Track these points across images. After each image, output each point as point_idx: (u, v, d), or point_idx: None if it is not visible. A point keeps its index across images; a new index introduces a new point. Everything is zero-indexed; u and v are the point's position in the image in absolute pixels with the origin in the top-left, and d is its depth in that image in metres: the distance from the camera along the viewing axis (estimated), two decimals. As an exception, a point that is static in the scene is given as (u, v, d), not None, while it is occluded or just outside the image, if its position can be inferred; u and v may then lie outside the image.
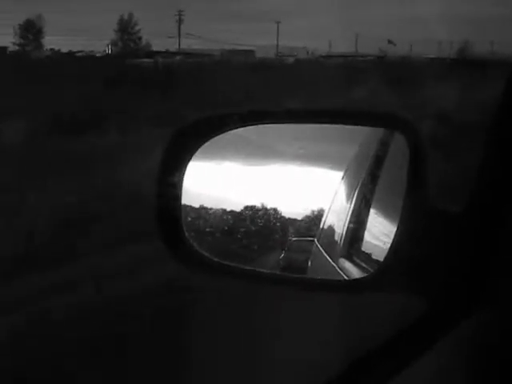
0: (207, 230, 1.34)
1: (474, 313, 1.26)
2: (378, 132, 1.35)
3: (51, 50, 31.20)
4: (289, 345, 3.17)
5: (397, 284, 1.26)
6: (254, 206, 1.32)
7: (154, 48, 33.77)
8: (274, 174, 1.35)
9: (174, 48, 36.32)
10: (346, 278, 1.34)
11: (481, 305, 1.26)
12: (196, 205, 1.33)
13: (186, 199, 1.28)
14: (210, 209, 1.34)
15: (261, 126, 1.30)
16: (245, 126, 1.28)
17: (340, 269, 1.39)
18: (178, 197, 1.26)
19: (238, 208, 1.32)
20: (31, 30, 34.46)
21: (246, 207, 1.32)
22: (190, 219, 1.30)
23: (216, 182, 1.36)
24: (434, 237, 1.24)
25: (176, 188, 1.25)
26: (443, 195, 1.31)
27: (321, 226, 1.38)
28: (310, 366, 2.88)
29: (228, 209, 1.33)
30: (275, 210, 1.32)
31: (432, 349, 1.25)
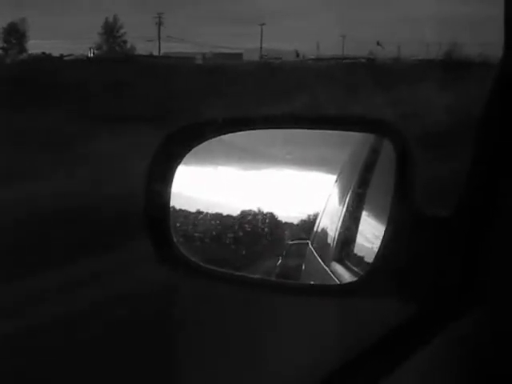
0: (196, 235, 1.33)
1: (464, 313, 1.27)
2: (370, 137, 1.36)
3: (43, 53, 30.86)
4: (279, 348, 3.16)
5: (386, 287, 1.26)
6: (250, 211, 1.31)
7: (139, 51, 33.46)
8: (268, 179, 1.34)
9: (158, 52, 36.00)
10: (337, 281, 1.34)
11: (470, 305, 1.27)
12: (187, 210, 1.32)
13: (176, 204, 1.27)
14: (202, 214, 1.33)
15: (253, 131, 1.30)
16: (232, 132, 1.28)
17: (332, 272, 1.39)
18: (167, 203, 1.25)
19: (233, 213, 1.31)
20: (14, 34, 33.99)
21: (242, 212, 1.31)
22: (179, 224, 1.29)
23: (208, 186, 1.35)
24: (423, 239, 1.25)
25: (164, 194, 1.24)
26: (431, 198, 1.31)
27: (314, 230, 1.37)
28: (299, 368, 2.87)
29: (223, 214, 1.32)
30: (271, 214, 1.31)
31: (423, 349, 1.25)
